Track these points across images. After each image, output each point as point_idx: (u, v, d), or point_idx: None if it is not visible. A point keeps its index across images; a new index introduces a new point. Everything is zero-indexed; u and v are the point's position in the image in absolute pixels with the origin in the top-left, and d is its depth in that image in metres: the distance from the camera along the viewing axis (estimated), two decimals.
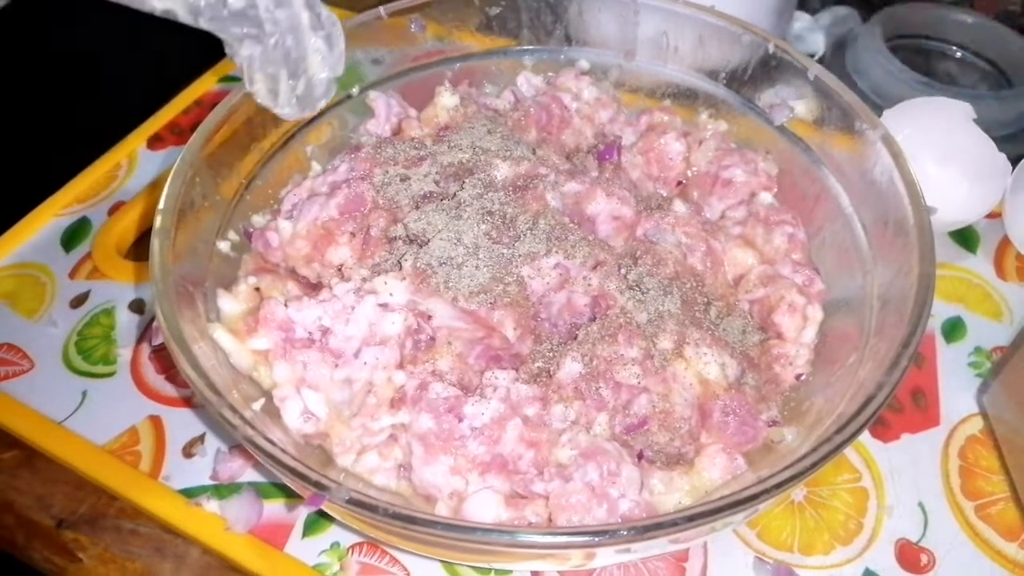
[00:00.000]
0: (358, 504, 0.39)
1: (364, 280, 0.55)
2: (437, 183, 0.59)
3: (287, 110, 0.50)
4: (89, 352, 0.69)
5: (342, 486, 0.40)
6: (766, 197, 0.65)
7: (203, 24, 0.42)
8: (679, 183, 0.68)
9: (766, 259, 0.62)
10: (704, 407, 0.53)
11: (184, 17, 0.42)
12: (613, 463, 0.49)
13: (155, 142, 0.87)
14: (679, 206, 0.63)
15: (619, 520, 0.47)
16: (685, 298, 0.56)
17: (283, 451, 0.42)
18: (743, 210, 0.65)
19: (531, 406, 0.52)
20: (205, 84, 0.93)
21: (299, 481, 0.41)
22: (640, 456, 0.52)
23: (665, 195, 0.68)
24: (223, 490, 0.60)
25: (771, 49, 0.64)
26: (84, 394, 0.67)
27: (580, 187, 0.60)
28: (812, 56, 0.96)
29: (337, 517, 0.50)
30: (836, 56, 0.92)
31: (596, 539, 0.38)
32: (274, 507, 0.59)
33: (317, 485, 0.40)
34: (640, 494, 0.49)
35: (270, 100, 0.49)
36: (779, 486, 0.40)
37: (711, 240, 0.60)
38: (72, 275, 0.75)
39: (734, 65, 0.67)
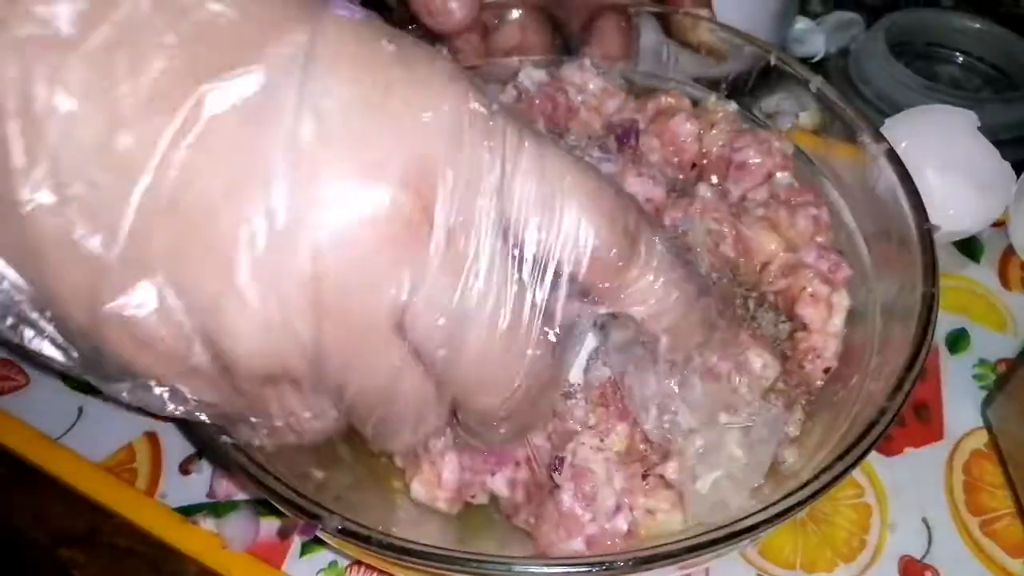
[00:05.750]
0: (350, 534, 0.38)
1: None
2: None
3: None
4: None
5: (334, 515, 0.39)
6: (784, 177, 0.62)
7: None
8: (693, 165, 0.65)
9: (790, 244, 0.58)
10: None
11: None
12: (598, 484, 0.47)
13: None
14: (704, 190, 0.59)
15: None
16: (722, 294, 0.53)
17: (276, 478, 0.41)
18: (764, 191, 0.61)
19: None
20: None
21: (290, 508, 0.41)
22: (644, 476, 0.51)
23: (682, 179, 0.64)
24: (220, 508, 0.60)
25: (773, 61, 0.63)
26: (80, 410, 0.66)
27: (613, 168, 0.57)
28: (813, 58, 0.95)
29: (331, 543, 0.50)
30: (840, 62, 0.92)
31: (594, 570, 0.38)
32: (271, 525, 0.59)
33: (308, 514, 0.39)
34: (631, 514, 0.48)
35: None
36: (781, 515, 0.40)
37: (739, 225, 0.57)
38: None
39: (735, 76, 0.66)
